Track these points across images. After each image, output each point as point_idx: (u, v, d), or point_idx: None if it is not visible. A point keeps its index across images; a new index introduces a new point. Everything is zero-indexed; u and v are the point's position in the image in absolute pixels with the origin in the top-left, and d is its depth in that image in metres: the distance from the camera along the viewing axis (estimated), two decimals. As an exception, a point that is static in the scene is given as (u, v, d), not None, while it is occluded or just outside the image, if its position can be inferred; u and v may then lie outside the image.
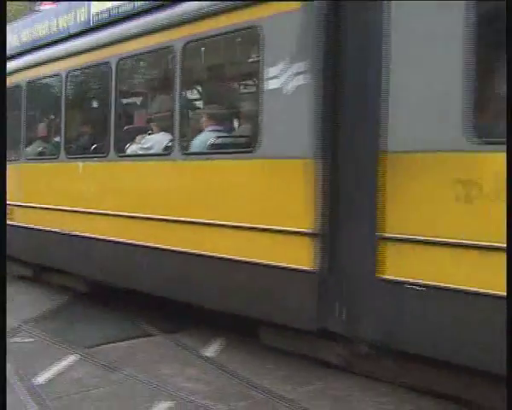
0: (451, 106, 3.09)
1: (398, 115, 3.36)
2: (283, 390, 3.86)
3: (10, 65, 6.73)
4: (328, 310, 3.80)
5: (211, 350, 4.80)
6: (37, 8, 14.85)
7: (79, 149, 6.42)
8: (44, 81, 7.11)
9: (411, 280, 3.30)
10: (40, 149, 7.19)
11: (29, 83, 7.10)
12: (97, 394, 3.91)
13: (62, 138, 6.47)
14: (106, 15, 5.83)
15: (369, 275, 3.51)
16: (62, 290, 7.29)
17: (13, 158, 7.00)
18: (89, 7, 6.07)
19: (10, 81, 6.33)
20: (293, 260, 3.88)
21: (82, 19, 6.24)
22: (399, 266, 3.38)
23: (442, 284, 3.16)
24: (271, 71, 4.00)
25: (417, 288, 3.27)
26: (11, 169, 5.98)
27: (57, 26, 6.65)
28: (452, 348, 3.16)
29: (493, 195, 2.87)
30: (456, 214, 3.07)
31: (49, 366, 4.40)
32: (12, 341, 5.12)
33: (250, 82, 4.86)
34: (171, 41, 4.79)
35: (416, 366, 3.52)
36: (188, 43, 4.69)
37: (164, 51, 5.09)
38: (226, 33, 4.45)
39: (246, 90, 5.02)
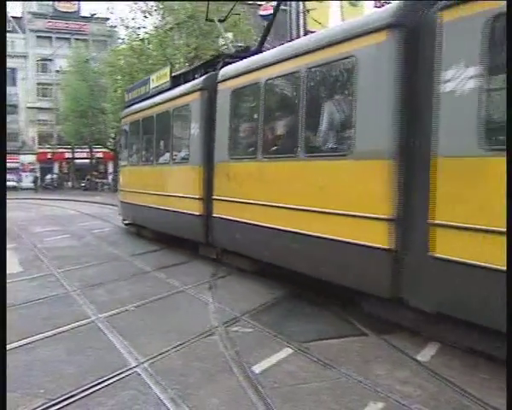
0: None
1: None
2: (498, 403, 4.91)
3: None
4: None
5: (424, 354, 6.10)
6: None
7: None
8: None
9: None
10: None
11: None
12: (311, 388, 5.45)
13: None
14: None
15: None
16: (280, 285, 9.64)
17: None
18: None
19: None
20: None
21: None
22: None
23: (230, 217, 8.75)
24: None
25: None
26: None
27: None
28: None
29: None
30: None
31: (266, 357, 6.19)
32: (233, 329, 7.25)
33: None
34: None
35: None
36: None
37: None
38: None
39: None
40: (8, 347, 6.63)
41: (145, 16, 33.65)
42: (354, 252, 7.39)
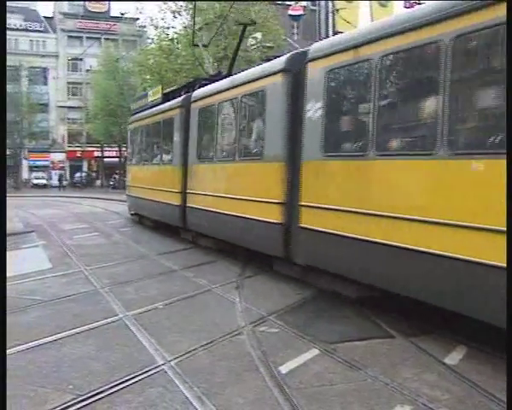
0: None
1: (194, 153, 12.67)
2: (528, 408, 4.90)
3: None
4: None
5: (451, 357, 6.05)
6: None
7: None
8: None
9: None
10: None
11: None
12: (337, 389, 5.44)
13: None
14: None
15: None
16: (307, 286, 9.65)
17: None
18: None
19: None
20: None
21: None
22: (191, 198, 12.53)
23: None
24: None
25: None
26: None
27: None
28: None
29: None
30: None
31: (293, 357, 6.20)
32: (260, 329, 7.27)
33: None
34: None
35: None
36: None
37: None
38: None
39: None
40: (39, 342, 6.78)
41: (174, 16, 33.88)
42: (262, 226, 10.43)
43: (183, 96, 15.81)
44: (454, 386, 5.44)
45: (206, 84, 14.68)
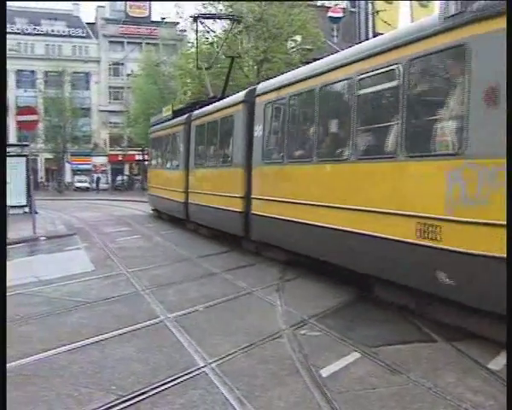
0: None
1: (193, 160, 18.35)
2: None
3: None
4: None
5: (495, 362, 5.92)
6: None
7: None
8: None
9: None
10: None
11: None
12: (379, 393, 5.39)
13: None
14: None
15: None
16: (347, 289, 9.61)
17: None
18: None
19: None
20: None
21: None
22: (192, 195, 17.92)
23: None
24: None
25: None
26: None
27: None
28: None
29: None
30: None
31: (334, 361, 6.17)
32: (301, 332, 7.24)
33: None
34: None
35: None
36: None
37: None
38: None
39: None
40: (82, 343, 6.87)
41: (214, 20, 33.98)
42: (230, 214, 14.45)
43: (185, 115, 20.05)
44: (499, 392, 5.33)
45: (204, 106, 18.64)
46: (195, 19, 25.46)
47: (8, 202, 18.47)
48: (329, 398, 5.29)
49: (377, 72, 8.65)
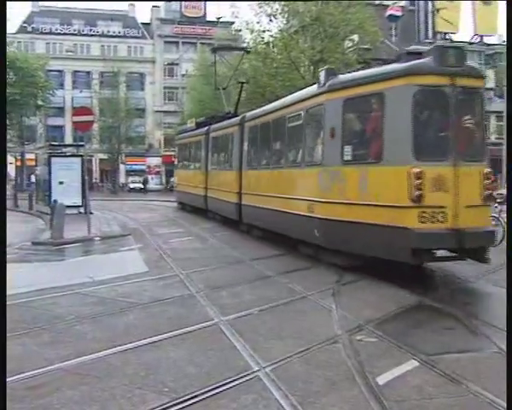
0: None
1: (210, 164, 25.50)
2: None
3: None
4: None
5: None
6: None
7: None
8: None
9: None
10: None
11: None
12: (437, 404, 5.31)
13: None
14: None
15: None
16: (406, 294, 9.58)
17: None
18: None
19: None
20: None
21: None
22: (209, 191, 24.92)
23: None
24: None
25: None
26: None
27: None
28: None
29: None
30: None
31: (390, 368, 6.10)
32: (357, 338, 7.18)
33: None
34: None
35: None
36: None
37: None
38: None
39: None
40: (136, 344, 6.99)
41: (270, 19, 34.09)
42: (229, 205, 20.70)
43: (205, 128, 26.51)
44: None
45: (220, 121, 24.60)
46: (214, 51, 33.47)
47: (64, 202, 18.96)
48: (385, 407, 5.24)
49: (294, 114, 14.94)
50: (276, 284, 10.91)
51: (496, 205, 15.91)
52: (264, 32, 34.91)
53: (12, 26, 71.19)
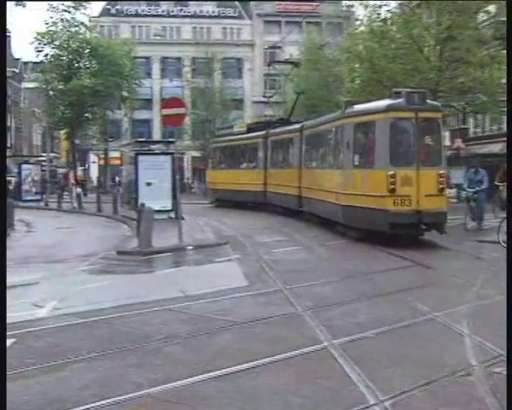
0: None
1: (270, 163, 34.55)
2: None
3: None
4: (266, 198, 34.09)
5: None
6: None
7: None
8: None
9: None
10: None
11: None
12: None
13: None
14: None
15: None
16: None
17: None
18: None
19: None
20: (261, 189, 35.08)
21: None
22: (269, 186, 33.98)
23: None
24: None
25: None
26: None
27: None
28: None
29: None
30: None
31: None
32: (495, 371, 6.87)
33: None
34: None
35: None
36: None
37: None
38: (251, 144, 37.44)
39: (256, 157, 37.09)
40: (231, 369, 7.02)
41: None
42: (292, 197, 28.59)
43: (263, 132, 34.40)
44: None
45: (277, 126, 33.78)
46: (269, 64, 47.71)
47: (153, 206, 19.38)
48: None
49: (328, 129, 23.65)
50: (396, 302, 10.76)
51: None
52: (380, 7, 34.57)
53: (94, 8, 74.08)
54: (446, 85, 32.02)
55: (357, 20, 41.79)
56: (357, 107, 21.10)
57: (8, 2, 14.16)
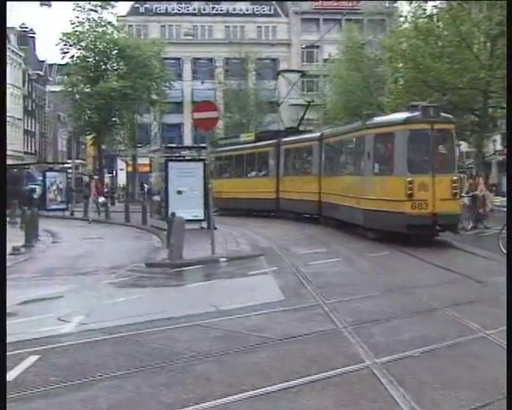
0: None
1: (283, 171, 37.38)
2: None
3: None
4: (279, 205, 37.36)
5: None
6: None
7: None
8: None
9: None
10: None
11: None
12: None
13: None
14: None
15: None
16: None
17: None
18: None
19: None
20: (274, 197, 38.41)
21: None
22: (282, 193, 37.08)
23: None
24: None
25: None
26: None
27: None
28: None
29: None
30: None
31: None
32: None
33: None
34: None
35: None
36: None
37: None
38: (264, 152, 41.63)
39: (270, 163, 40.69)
40: (267, 389, 6.98)
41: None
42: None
43: (274, 140, 37.21)
44: None
45: (288, 135, 37.00)
46: (278, 73, 51.48)
47: (184, 216, 19.43)
48: None
49: (350, 139, 27.23)
50: (443, 319, 10.62)
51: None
52: (426, 2, 34.37)
53: (122, 7, 74.77)
54: (498, 85, 31.58)
55: (400, 16, 41.75)
56: (377, 119, 25.31)
57: (33, 3, 14.33)
